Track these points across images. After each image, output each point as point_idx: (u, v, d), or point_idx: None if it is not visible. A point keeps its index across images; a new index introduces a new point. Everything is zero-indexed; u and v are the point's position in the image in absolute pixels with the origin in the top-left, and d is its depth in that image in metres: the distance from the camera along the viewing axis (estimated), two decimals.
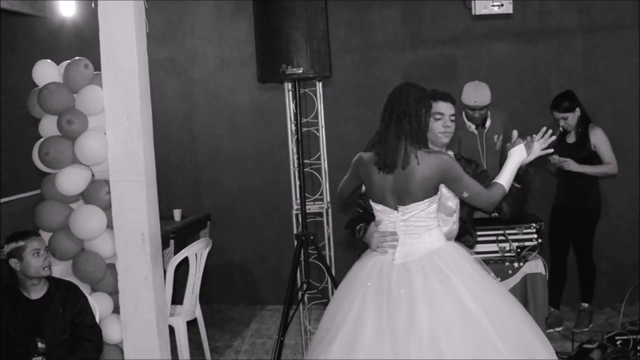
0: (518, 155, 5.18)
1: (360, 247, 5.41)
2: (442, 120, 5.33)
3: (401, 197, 4.98)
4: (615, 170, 8.10)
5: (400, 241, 5.01)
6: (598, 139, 8.04)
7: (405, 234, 5.00)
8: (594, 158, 8.07)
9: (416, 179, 4.91)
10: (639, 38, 8.92)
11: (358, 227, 5.33)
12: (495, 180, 5.15)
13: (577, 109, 8.09)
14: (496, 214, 5.42)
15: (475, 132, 7.90)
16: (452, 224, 5.41)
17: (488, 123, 7.92)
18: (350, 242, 5.95)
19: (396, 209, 5.01)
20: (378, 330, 4.72)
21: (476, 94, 7.73)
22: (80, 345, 5.67)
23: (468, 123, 7.88)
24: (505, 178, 5.13)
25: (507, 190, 5.12)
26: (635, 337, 7.38)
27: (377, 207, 5.13)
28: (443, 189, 5.11)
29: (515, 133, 5.32)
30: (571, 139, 8.19)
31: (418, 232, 5.00)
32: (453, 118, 5.38)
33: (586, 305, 8.41)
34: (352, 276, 5.13)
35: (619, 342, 7.36)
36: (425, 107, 5.02)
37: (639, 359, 7.23)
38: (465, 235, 5.55)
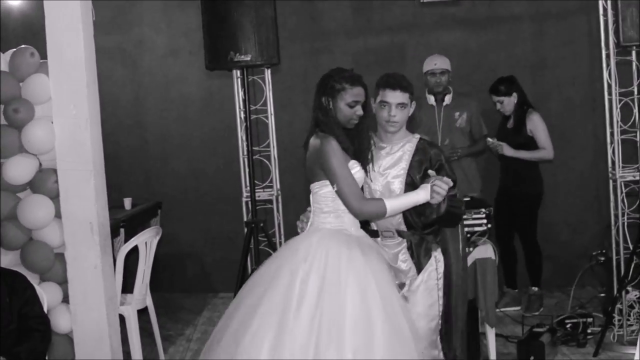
0: (423, 195, 4.91)
1: None
2: (386, 109, 5.18)
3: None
4: (549, 155, 8.20)
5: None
6: (534, 124, 8.14)
7: (312, 212, 5.08)
8: (531, 143, 8.17)
9: (306, 163, 5.04)
10: (586, 25, 9.01)
11: None
12: (382, 197, 5.04)
13: (515, 94, 8.18)
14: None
15: (434, 104, 8.03)
16: None
17: (448, 100, 8.11)
18: None
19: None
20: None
21: (436, 59, 8.00)
22: (28, 335, 5.62)
23: (428, 96, 8.10)
24: (393, 203, 4.92)
25: (386, 215, 4.95)
26: (584, 320, 7.48)
27: None
28: (392, 171, 5.19)
29: (432, 172, 5.08)
30: (511, 123, 8.31)
31: (315, 212, 5.04)
32: (403, 107, 5.17)
33: (535, 289, 8.50)
34: None
35: (568, 326, 7.47)
36: (325, 94, 5.01)
37: (588, 342, 7.32)
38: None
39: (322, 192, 4.97)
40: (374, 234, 5.31)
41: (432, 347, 5.29)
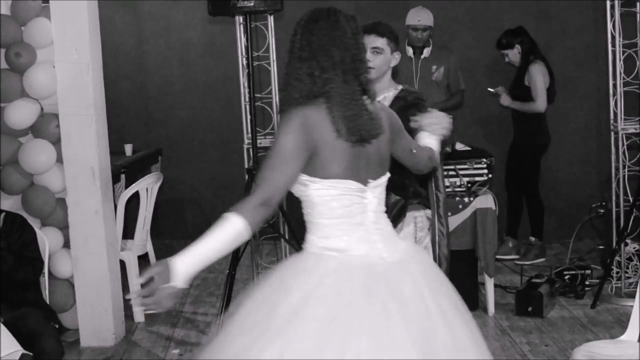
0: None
1: None
2: None
3: None
4: (539, 108, 8.15)
5: None
6: (530, 75, 8.14)
7: None
8: (527, 95, 8.15)
9: None
10: None
11: None
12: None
13: (517, 46, 8.15)
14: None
15: (412, 57, 7.99)
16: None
17: (426, 52, 8.04)
18: None
19: None
20: None
21: (420, 13, 7.92)
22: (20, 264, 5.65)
23: (407, 48, 8.01)
24: None
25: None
26: (582, 272, 7.50)
27: None
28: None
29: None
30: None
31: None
32: (378, 52, 4.83)
33: (533, 239, 8.50)
34: None
35: (567, 277, 7.48)
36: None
37: (586, 294, 7.35)
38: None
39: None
40: None
41: None
